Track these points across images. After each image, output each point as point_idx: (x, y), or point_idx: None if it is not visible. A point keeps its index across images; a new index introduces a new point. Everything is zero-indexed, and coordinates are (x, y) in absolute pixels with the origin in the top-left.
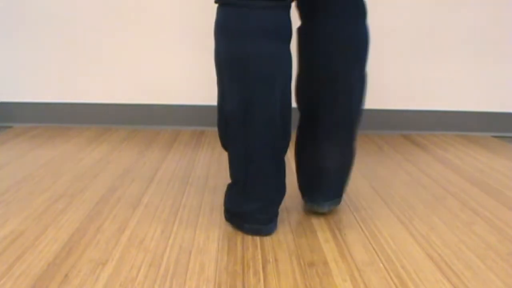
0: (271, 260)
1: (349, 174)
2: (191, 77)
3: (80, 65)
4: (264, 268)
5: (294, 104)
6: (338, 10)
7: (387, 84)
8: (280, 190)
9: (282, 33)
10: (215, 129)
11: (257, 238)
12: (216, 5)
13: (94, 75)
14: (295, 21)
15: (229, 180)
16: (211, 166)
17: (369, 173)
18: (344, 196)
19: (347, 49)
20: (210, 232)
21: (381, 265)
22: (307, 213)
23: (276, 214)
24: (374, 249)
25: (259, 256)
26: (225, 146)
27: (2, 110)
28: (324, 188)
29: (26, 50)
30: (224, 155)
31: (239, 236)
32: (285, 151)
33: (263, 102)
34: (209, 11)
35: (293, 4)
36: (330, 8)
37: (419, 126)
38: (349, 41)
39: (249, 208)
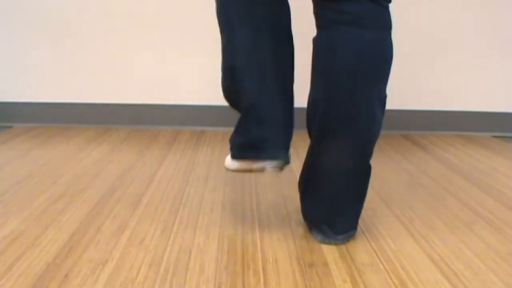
0: (271, 260)
1: (363, 203)
2: (191, 77)
3: (80, 65)
4: (264, 268)
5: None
6: (363, 18)
7: (387, 84)
8: (290, 119)
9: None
10: (215, 129)
11: (257, 238)
12: None
13: (94, 75)
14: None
15: (229, 180)
16: (211, 166)
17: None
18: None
19: (370, 62)
20: (210, 232)
21: (381, 265)
22: None
23: (289, 144)
24: (374, 249)
25: (259, 256)
26: (233, 88)
27: (2, 110)
28: (338, 223)
29: (26, 50)
30: (224, 155)
31: (239, 236)
32: (292, 82)
33: (271, 27)
34: (209, 11)
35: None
36: (355, 16)
37: (419, 126)
38: (374, 53)
39: (266, 134)
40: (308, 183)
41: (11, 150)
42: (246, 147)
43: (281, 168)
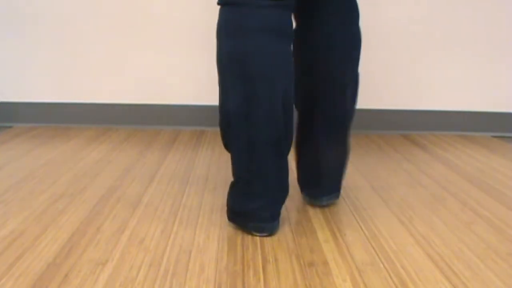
0: (271, 260)
1: (345, 170)
2: (191, 77)
3: (80, 65)
4: (264, 268)
5: None
6: (333, 13)
7: (387, 84)
8: (283, 189)
9: (284, 32)
10: (215, 129)
11: (257, 238)
12: (219, 7)
13: (94, 75)
14: None
15: (229, 180)
16: (211, 166)
17: (369, 173)
18: (342, 192)
19: (341, 50)
20: (210, 232)
21: (381, 265)
22: (307, 213)
23: (279, 213)
24: (374, 249)
25: (259, 256)
26: (227, 146)
27: (2, 110)
28: (322, 184)
29: (26, 50)
30: (224, 155)
31: (239, 236)
32: (288, 150)
33: (266, 98)
34: (209, 12)
35: None
36: (326, 11)
37: (419, 126)
38: (344, 43)
39: (253, 206)
40: (299, 154)
41: (11, 150)
42: (235, 213)
43: (268, 235)
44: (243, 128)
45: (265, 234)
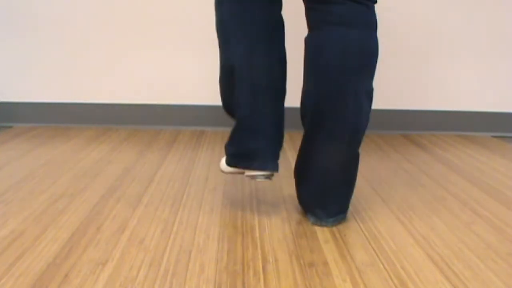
0: (271, 260)
1: (353, 188)
2: (191, 77)
3: (80, 65)
4: (264, 268)
5: (288, 104)
6: (349, 18)
7: (387, 84)
8: (281, 132)
9: (276, 2)
10: (215, 129)
11: (257, 238)
12: None
13: (94, 75)
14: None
15: (229, 180)
16: (211, 166)
17: (369, 173)
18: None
19: (357, 58)
20: (210, 232)
21: (381, 265)
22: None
23: (278, 155)
24: (374, 249)
25: (259, 256)
26: (228, 101)
27: (2, 110)
28: (329, 204)
29: (26, 50)
30: (224, 155)
31: (239, 236)
32: (283, 97)
33: (264, 53)
34: (209, 12)
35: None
36: (341, 16)
37: (419, 126)
38: (360, 50)
39: (256, 145)
40: (302, 171)
41: (11, 150)
42: (238, 156)
43: (270, 176)
44: (247, 76)
45: (267, 173)
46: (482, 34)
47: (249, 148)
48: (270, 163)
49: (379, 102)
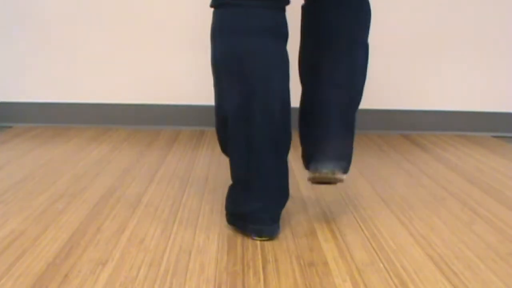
0: (271, 260)
1: (353, 136)
2: (191, 77)
3: (80, 65)
4: (264, 268)
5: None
6: None
7: (387, 84)
8: (283, 191)
9: (279, 32)
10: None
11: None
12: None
13: (95, 75)
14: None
15: (229, 181)
16: (211, 166)
17: (369, 173)
18: (342, 192)
19: (354, 17)
20: (210, 232)
21: (381, 265)
22: (307, 213)
23: (278, 217)
24: (374, 249)
25: (259, 256)
26: (224, 148)
27: (2, 110)
28: (328, 152)
29: (26, 50)
30: (224, 155)
31: (239, 236)
32: (286, 151)
33: (263, 98)
34: (209, 11)
35: None
36: None
37: (419, 126)
38: (356, 11)
39: (252, 208)
40: (304, 125)
41: (11, 150)
42: (234, 215)
43: (268, 239)
44: (241, 129)
45: (264, 238)
46: (482, 34)
47: (243, 210)
48: (266, 227)
49: (379, 102)
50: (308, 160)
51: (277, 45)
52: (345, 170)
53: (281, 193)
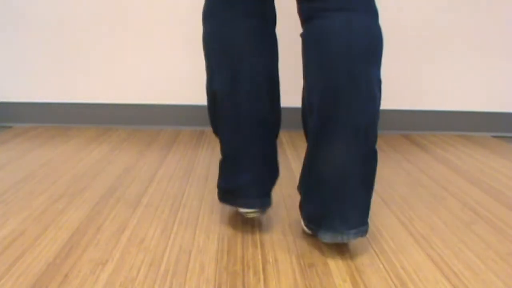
0: (271, 260)
1: (372, 194)
2: (191, 77)
3: (79, 65)
4: (264, 268)
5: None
6: (349, 3)
7: (387, 84)
8: (271, 166)
9: (268, 15)
10: None
11: (257, 238)
12: None
13: (94, 75)
14: (291, 27)
15: None
16: (211, 166)
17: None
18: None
19: (365, 43)
20: (210, 232)
21: (381, 265)
22: None
23: (269, 190)
24: (374, 249)
25: (259, 256)
26: (215, 127)
27: (2, 110)
28: (349, 210)
29: (26, 50)
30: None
31: (239, 236)
32: (274, 129)
33: (249, 77)
34: None
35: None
36: (341, 2)
37: (419, 126)
38: (367, 33)
39: (241, 181)
40: (311, 181)
41: (11, 150)
42: (225, 192)
43: (259, 212)
44: (229, 106)
45: (253, 210)
46: (482, 33)
47: (234, 185)
48: (256, 200)
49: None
50: (318, 225)
51: (264, 26)
52: (366, 232)
53: (270, 168)
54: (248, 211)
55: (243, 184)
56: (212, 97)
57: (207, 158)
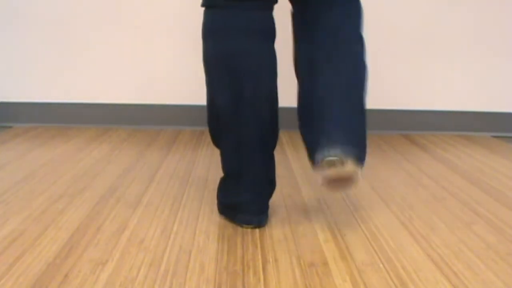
0: (271, 260)
1: (364, 119)
2: (191, 77)
3: (80, 65)
4: (264, 268)
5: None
6: None
7: (387, 84)
8: (270, 183)
9: (267, 32)
10: None
11: (257, 238)
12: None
13: (94, 75)
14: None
15: None
16: (211, 166)
17: (369, 173)
18: (342, 192)
19: (346, 15)
20: (210, 232)
21: (381, 265)
22: (307, 213)
23: (267, 207)
24: (374, 249)
25: (259, 256)
26: (216, 142)
27: (2, 110)
28: (332, 132)
29: (26, 50)
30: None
31: (239, 236)
32: (273, 147)
33: (252, 97)
34: None
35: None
36: None
37: (419, 126)
38: (348, 9)
39: (241, 199)
40: (307, 112)
41: (11, 150)
42: (225, 205)
43: (257, 227)
44: (232, 125)
45: (252, 226)
46: (482, 33)
47: (234, 201)
48: (254, 217)
49: (379, 102)
50: (313, 153)
51: (265, 45)
52: (359, 158)
53: (269, 186)
54: (246, 227)
55: (243, 202)
56: (215, 115)
57: (207, 158)
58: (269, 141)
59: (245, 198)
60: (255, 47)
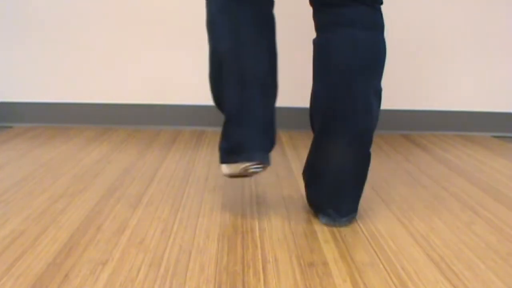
0: (271, 260)
1: (363, 188)
2: (191, 77)
3: (80, 65)
4: (264, 268)
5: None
6: (357, 20)
7: (387, 84)
8: (271, 127)
9: (268, 2)
10: (215, 129)
11: (257, 238)
12: None
13: (94, 75)
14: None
15: (229, 180)
16: (211, 166)
17: (369, 173)
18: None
19: (365, 58)
20: (210, 232)
21: (381, 265)
22: (307, 213)
23: (269, 148)
24: (374, 249)
25: (259, 256)
26: (219, 95)
27: (2, 110)
28: (341, 204)
29: (26, 50)
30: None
31: (239, 236)
32: (273, 95)
33: (253, 43)
34: None
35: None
36: (350, 18)
37: (419, 126)
38: (368, 49)
39: (243, 137)
40: (313, 173)
41: (11, 150)
42: (228, 151)
43: (262, 168)
44: (234, 68)
45: (255, 162)
46: (482, 33)
47: (236, 141)
48: (257, 153)
49: None
50: (317, 209)
51: (265, 7)
52: (355, 217)
53: (269, 127)
54: (249, 165)
55: (246, 139)
56: (217, 61)
57: (207, 158)
58: (269, 83)
59: (247, 135)
60: (256, 8)
